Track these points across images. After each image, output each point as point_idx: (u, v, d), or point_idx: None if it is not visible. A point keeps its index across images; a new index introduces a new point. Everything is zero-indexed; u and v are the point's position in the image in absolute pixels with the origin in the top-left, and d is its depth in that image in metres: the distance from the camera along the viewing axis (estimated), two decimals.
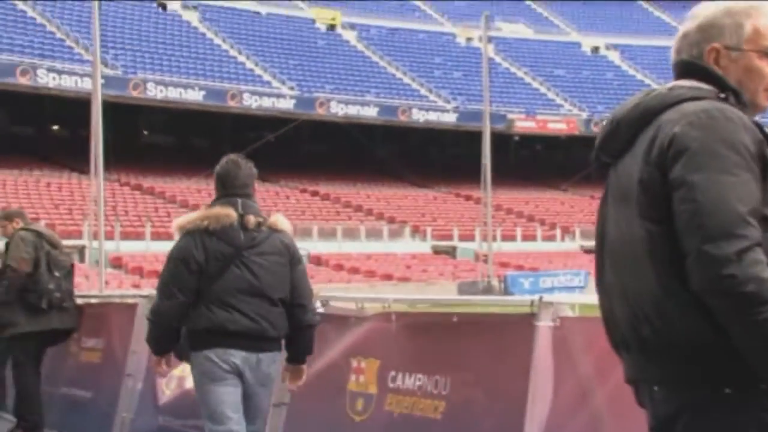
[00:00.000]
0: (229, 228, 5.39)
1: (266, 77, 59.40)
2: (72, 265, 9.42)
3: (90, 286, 24.01)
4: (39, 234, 9.04)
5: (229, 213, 5.40)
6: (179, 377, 7.76)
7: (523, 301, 5.10)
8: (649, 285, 2.59)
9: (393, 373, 5.72)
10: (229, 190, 5.56)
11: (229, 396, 5.40)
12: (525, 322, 4.91)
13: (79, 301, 9.54)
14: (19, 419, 9.26)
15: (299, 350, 5.65)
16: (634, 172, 2.68)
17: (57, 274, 8.89)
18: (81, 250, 33.42)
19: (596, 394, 4.59)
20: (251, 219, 5.44)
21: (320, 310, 6.38)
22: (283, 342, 5.60)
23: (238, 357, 5.36)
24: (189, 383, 7.25)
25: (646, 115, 2.73)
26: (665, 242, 2.57)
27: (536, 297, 4.95)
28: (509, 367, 4.99)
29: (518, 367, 4.86)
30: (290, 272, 5.51)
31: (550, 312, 4.82)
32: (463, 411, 5.21)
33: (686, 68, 2.84)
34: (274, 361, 5.55)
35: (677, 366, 2.58)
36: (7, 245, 9.12)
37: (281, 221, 5.66)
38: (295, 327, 5.53)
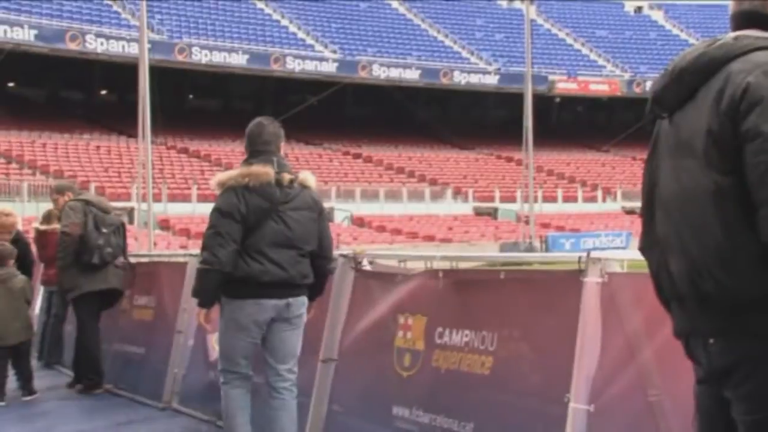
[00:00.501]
0: (267, 185, 5.80)
1: (309, 41, 59.37)
2: (122, 224, 9.76)
3: (139, 246, 24.40)
4: (87, 202, 9.45)
5: (267, 171, 5.81)
6: None
7: (570, 258, 4.98)
8: (715, 237, 2.54)
9: (440, 329, 5.68)
10: (253, 147, 5.98)
11: (246, 346, 5.91)
12: (572, 278, 4.82)
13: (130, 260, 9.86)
14: (81, 376, 9.65)
15: (314, 293, 6.17)
16: (699, 123, 2.61)
17: (105, 230, 9.28)
18: (130, 212, 33.64)
19: (644, 349, 4.53)
20: (286, 176, 5.87)
21: (367, 268, 6.60)
22: None
23: (269, 306, 5.84)
24: None
25: (712, 65, 2.65)
26: (734, 194, 2.51)
27: (584, 253, 4.83)
28: (557, 323, 4.92)
29: (566, 323, 4.77)
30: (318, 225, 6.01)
31: (598, 268, 4.72)
32: (511, 366, 5.17)
33: (748, 18, 2.74)
34: (303, 304, 6.04)
35: (739, 318, 2.56)
36: (59, 217, 9.62)
37: (309, 178, 6.07)
38: (317, 275, 6.07)
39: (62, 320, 11.12)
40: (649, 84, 63.19)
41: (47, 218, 11.25)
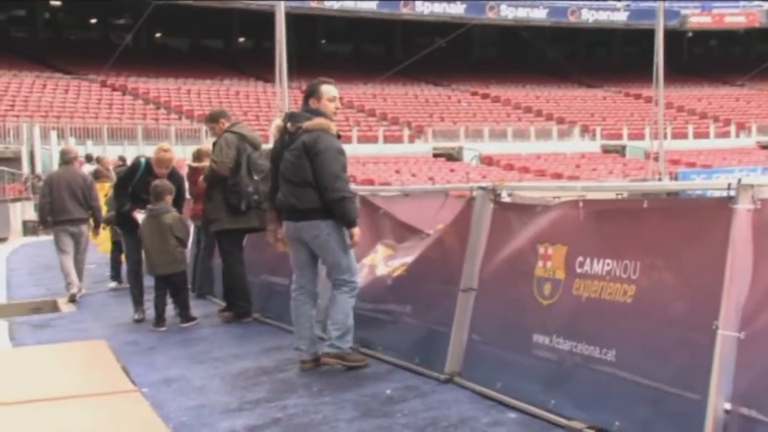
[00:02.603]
0: (279, 133, 7.50)
1: None
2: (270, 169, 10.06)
3: None
4: (242, 137, 9.68)
5: (278, 123, 7.56)
6: (370, 265, 8.07)
7: (718, 185, 4.79)
8: None
9: (581, 258, 5.61)
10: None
11: (294, 259, 7.45)
12: (721, 205, 4.65)
13: None
14: (231, 305, 10.10)
15: (337, 219, 7.18)
16: None
17: (256, 177, 9.58)
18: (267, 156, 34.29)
19: None
20: (289, 126, 7.31)
21: (506, 199, 6.65)
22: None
23: (290, 227, 7.28)
24: (379, 271, 7.81)
25: None
26: None
27: (734, 180, 4.62)
28: (704, 251, 4.74)
29: (713, 250, 4.63)
30: (310, 163, 7.09)
31: (750, 195, 4.55)
32: (654, 295, 5.03)
33: None
34: (316, 227, 7.17)
35: None
36: (214, 144, 9.87)
37: (314, 123, 7.23)
38: (325, 203, 7.10)
39: (211, 253, 11.59)
40: None
41: (197, 156, 11.65)
